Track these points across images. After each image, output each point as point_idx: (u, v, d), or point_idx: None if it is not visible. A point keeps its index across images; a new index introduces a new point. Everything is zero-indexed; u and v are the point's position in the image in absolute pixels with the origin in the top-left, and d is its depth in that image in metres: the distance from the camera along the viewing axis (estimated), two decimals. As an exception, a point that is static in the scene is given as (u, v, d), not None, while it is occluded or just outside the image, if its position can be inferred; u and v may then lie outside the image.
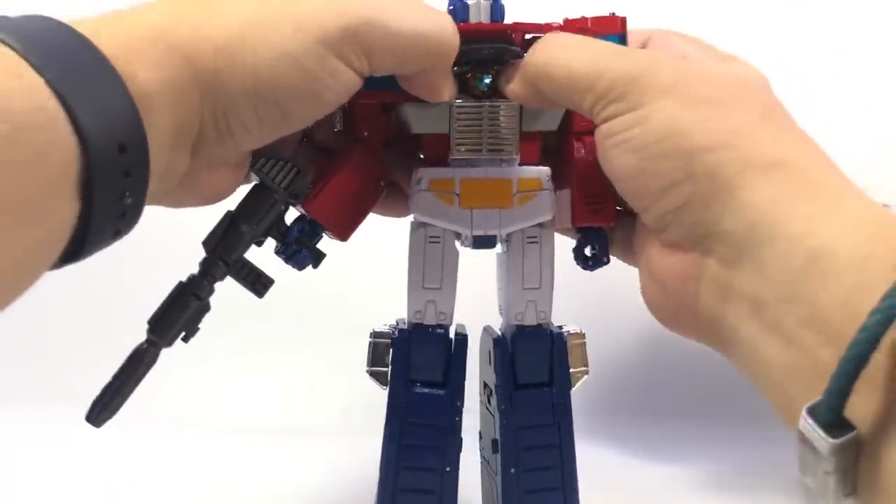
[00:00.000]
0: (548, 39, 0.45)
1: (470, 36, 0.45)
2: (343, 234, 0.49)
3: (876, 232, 0.34)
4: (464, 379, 0.50)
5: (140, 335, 0.61)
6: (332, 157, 0.49)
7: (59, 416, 0.61)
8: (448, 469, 0.50)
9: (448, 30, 0.43)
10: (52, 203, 0.33)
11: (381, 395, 0.50)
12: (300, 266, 0.49)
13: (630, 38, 0.48)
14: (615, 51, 0.43)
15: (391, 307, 0.52)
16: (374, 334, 0.50)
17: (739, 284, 0.38)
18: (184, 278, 0.46)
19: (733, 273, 0.38)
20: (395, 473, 0.50)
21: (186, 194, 0.43)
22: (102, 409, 0.43)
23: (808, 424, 0.32)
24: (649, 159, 0.40)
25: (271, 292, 0.53)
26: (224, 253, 0.45)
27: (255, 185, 0.47)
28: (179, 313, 0.44)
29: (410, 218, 0.51)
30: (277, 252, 0.49)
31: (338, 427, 0.79)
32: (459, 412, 0.50)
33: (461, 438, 0.51)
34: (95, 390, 0.47)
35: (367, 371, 0.50)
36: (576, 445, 0.52)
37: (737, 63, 0.43)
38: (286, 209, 0.47)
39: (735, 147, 0.38)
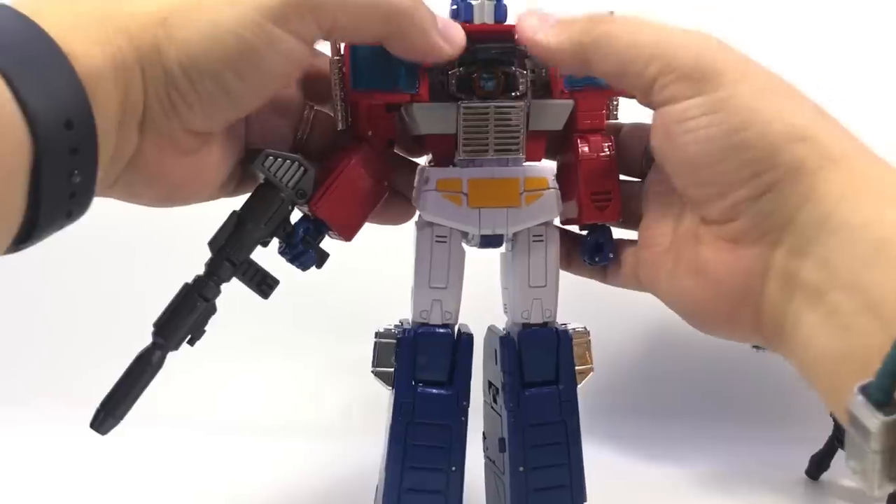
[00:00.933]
0: (595, 15, 0.43)
1: (475, 36, 0.46)
2: (348, 233, 0.49)
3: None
4: (470, 379, 0.50)
5: (140, 334, 0.61)
6: (334, 156, 0.49)
7: (58, 415, 0.61)
8: (454, 469, 0.50)
9: None
10: (4, 186, 0.33)
11: (380, 395, 0.50)
12: (305, 266, 0.49)
13: None
14: (676, 28, 0.42)
15: (391, 307, 0.52)
16: (379, 334, 0.50)
17: (805, 275, 0.38)
18: (189, 280, 0.45)
19: (801, 263, 0.38)
20: (401, 473, 0.49)
21: (138, 180, 0.42)
22: (108, 415, 0.42)
23: (858, 402, 0.32)
24: (730, 148, 0.40)
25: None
26: (231, 253, 0.45)
27: (261, 184, 0.46)
28: (186, 315, 0.44)
29: (415, 217, 0.51)
30: (282, 252, 0.48)
31: (337, 427, 0.79)
32: (465, 412, 0.50)
33: (466, 438, 0.50)
34: (93, 390, 0.46)
35: (373, 371, 0.50)
36: (578, 444, 0.52)
37: None
38: (292, 209, 0.47)
39: (813, 139, 0.38)
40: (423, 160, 0.53)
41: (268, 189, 0.46)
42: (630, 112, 0.51)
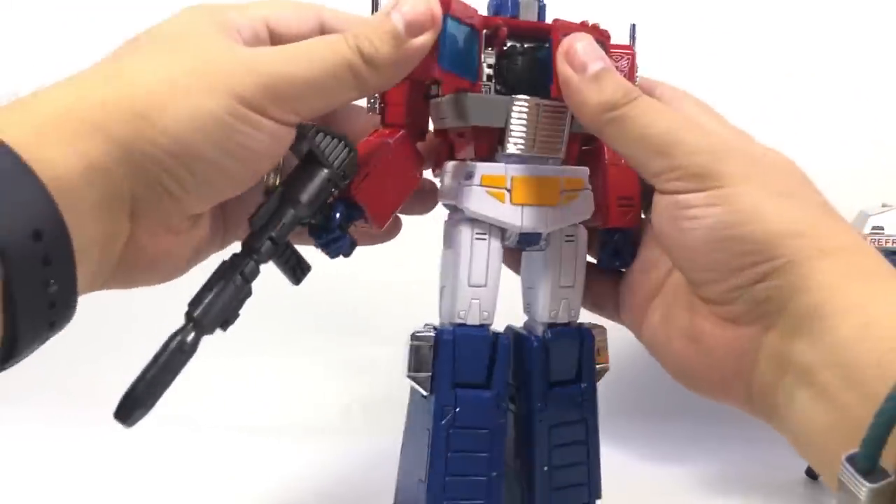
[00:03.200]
0: (627, 89, 0.44)
1: (519, 31, 0.46)
2: (382, 221, 0.48)
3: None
4: (508, 379, 0.49)
5: (134, 336, 0.59)
6: (369, 140, 0.48)
7: (55, 414, 0.58)
8: (495, 474, 0.48)
9: (338, 58, 0.41)
10: None
11: (380, 394, 0.49)
12: (337, 254, 0.47)
13: (653, 89, 0.50)
14: (689, 123, 0.44)
15: (392, 307, 0.51)
16: (415, 337, 0.48)
17: (796, 356, 0.40)
18: (226, 259, 0.42)
19: (792, 345, 0.41)
20: (443, 483, 0.48)
21: (135, 269, 0.41)
22: (135, 404, 0.38)
23: (847, 472, 0.35)
24: (729, 239, 0.42)
25: (270, 291, 0.50)
26: (273, 230, 0.42)
27: (304, 162, 0.44)
28: (225, 295, 0.41)
29: (427, 217, 0.51)
30: (316, 236, 0.46)
31: (337, 427, 0.78)
32: (505, 414, 0.49)
33: (505, 441, 0.49)
34: (88, 390, 0.44)
35: (409, 376, 0.48)
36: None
37: (764, 146, 0.46)
38: (336, 191, 0.45)
39: (809, 235, 0.41)
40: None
41: (314, 167, 0.43)
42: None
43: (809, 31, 0.83)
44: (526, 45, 0.47)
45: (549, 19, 0.47)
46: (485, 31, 0.46)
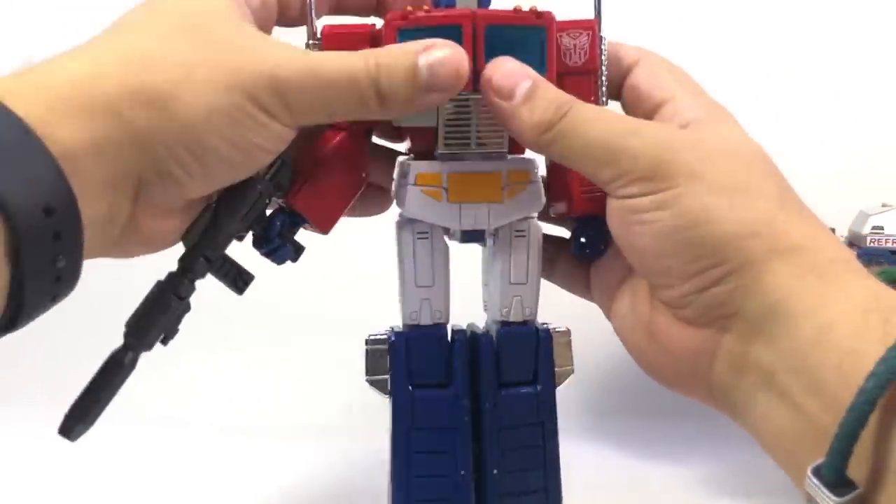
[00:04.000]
0: (560, 101, 0.43)
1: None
2: (326, 226, 0.48)
3: (872, 306, 0.38)
4: (468, 377, 0.48)
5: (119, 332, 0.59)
6: (310, 145, 0.47)
7: (52, 416, 0.59)
8: (462, 473, 0.48)
9: (353, 85, 0.41)
10: None
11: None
12: (281, 261, 0.47)
13: (617, 51, 0.49)
14: (630, 126, 0.43)
15: (390, 304, 0.51)
16: (370, 341, 0.48)
17: (754, 358, 0.40)
18: (161, 277, 0.43)
19: (749, 347, 0.40)
20: (408, 484, 0.47)
21: (130, 243, 0.42)
22: (77, 420, 0.40)
23: (813, 485, 0.35)
24: (680, 243, 0.41)
25: (270, 290, 0.52)
26: (207, 249, 0.43)
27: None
28: (160, 314, 0.42)
29: (395, 217, 0.49)
30: (257, 246, 0.47)
31: (338, 427, 0.78)
32: (468, 411, 0.48)
33: (470, 440, 0.48)
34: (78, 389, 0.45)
35: (367, 380, 0.48)
36: (575, 446, 0.51)
37: (732, 124, 0.45)
38: (269, 202, 0.45)
39: (762, 235, 0.40)
40: (403, 146, 0.52)
41: (245, 182, 0.44)
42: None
43: (810, 29, 0.82)
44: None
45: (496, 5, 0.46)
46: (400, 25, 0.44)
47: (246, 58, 0.40)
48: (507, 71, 0.43)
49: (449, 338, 0.49)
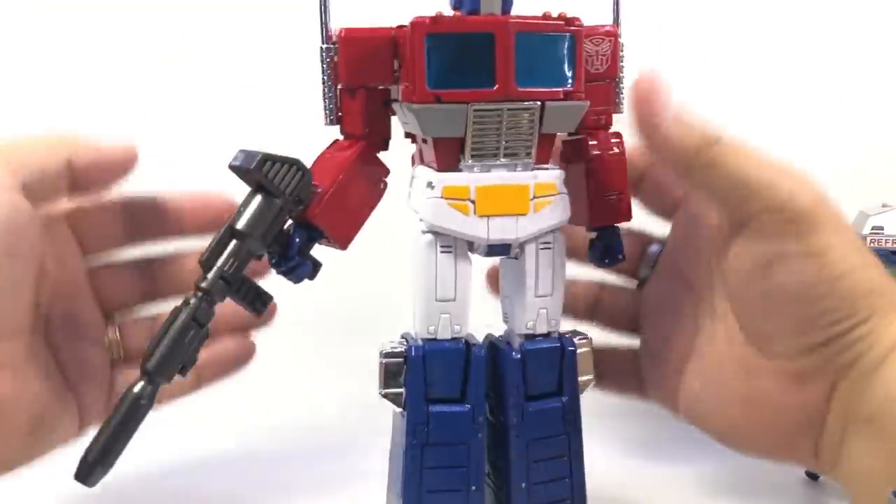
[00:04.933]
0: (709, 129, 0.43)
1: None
2: (346, 242, 0.46)
3: None
4: (484, 392, 0.48)
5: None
6: (325, 155, 0.46)
7: None
8: (474, 489, 0.47)
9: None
10: None
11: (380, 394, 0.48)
12: (299, 279, 0.46)
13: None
14: (775, 163, 0.44)
15: (391, 307, 0.50)
16: (385, 354, 0.47)
17: (859, 406, 0.41)
18: (178, 304, 0.41)
19: (858, 396, 0.41)
20: (420, 499, 0.47)
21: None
22: (97, 464, 0.38)
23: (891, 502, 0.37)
24: (821, 292, 0.41)
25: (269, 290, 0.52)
26: (227, 272, 0.41)
27: (253, 191, 0.43)
28: (180, 345, 0.40)
29: (412, 222, 0.48)
30: (276, 265, 0.45)
31: (337, 426, 0.77)
32: (483, 428, 0.47)
33: (484, 455, 0.48)
34: None
35: (381, 394, 0.47)
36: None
37: None
38: (288, 218, 0.43)
39: (885, 293, 0.42)
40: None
41: (263, 197, 0.42)
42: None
43: (810, 31, 0.82)
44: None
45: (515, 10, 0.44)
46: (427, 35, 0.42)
47: None
48: (661, 84, 0.43)
49: (466, 351, 0.48)
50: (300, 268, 0.45)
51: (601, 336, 0.53)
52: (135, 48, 0.80)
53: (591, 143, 0.48)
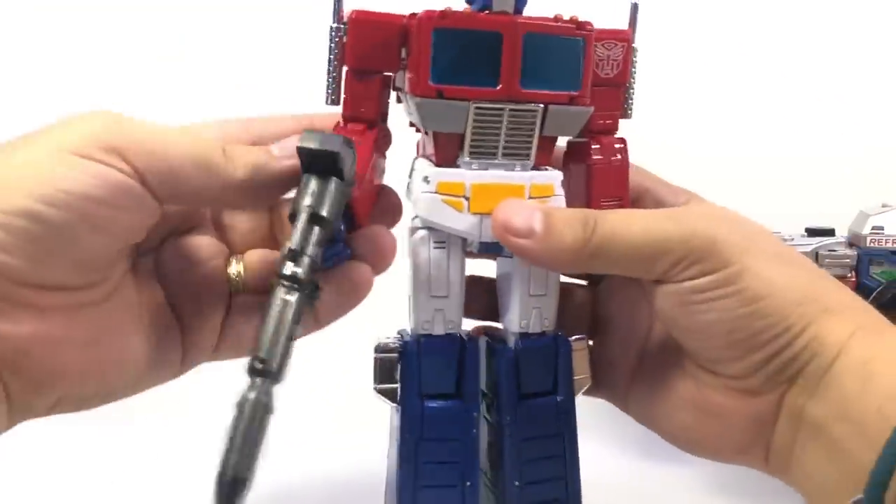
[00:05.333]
0: (584, 215, 0.43)
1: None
2: (366, 222, 0.46)
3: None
4: (479, 387, 0.48)
5: None
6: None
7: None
8: (469, 484, 0.47)
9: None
10: None
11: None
12: (340, 262, 0.44)
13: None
14: (661, 215, 0.44)
15: (393, 300, 0.50)
16: (379, 349, 0.47)
17: (808, 412, 0.42)
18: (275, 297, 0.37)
19: (805, 403, 0.42)
20: (413, 494, 0.47)
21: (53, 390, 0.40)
22: (238, 481, 0.34)
23: None
24: (746, 317, 0.42)
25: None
26: (315, 261, 0.38)
27: (323, 175, 0.40)
28: (289, 339, 0.37)
29: (408, 223, 0.48)
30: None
31: (337, 424, 0.78)
32: (477, 424, 0.48)
33: (479, 450, 0.48)
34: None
35: (375, 389, 0.47)
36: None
37: (708, 201, 0.49)
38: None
39: (816, 299, 0.43)
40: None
41: (336, 182, 0.40)
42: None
43: (810, 30, 0.82)
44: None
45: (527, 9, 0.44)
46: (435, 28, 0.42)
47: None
48: (514, 210, 0.43)
49: (461, 347, 0.48)
50: (343, 251, 0.44)
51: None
52: (135, 48, 0.80)
53: (594, 146, 0.48)
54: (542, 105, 0.44)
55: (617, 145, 0.49)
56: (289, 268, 0.37)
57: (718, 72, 0.81)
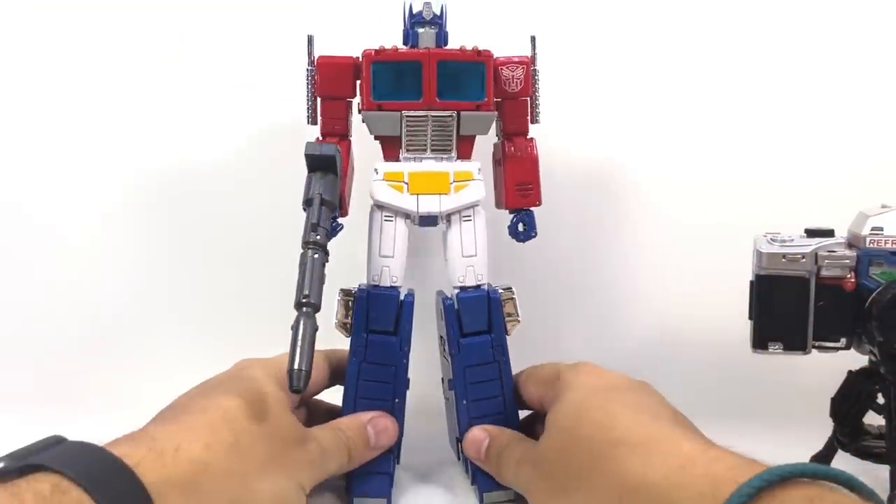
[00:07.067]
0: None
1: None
2: (344, 211, 0.64)
3: (696, 470, 0.45)
4: (411, 330, 0.63)
5: (122, 341, 0.76)
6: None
7: (48, 417, 0.59)
8: (397, 400, 0.63)
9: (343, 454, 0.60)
10: None
11: None
12: (334, 235, 0.61)
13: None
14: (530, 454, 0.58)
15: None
16: (341, 292, 0.62)
17: None
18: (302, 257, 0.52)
19: None
20: (354, 403, 0.63)
21: None
22: (301, 370, 0.48)
23: None
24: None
25: (261, 285, 0.69)
26: (326, 231, 0.54)
27: (325, 172, 0.56)
28: (321, 282, 0.52)
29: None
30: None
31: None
32: (406, 355, 0.63)
33: (408, 377, 0.63)
34: (89, 391, 0.60)
35: (335, 322, 0.62)
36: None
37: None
38: None
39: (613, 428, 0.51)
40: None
41: (332, 175, 0.56)
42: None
43: (810, 30, 0.82)
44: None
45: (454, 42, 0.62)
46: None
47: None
48: (471, 439, 0.63)
49: (401, 298, 0.63)
50: (338, 227, 0.63)
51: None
52: (135, 48, 0.81)
53: (508, 145, 0.65)
54: (455, 112, 0.62)
55: (526, 144, 0.65)
56: (312, 237, 0.53)
57: (718, 72, 0.81)
